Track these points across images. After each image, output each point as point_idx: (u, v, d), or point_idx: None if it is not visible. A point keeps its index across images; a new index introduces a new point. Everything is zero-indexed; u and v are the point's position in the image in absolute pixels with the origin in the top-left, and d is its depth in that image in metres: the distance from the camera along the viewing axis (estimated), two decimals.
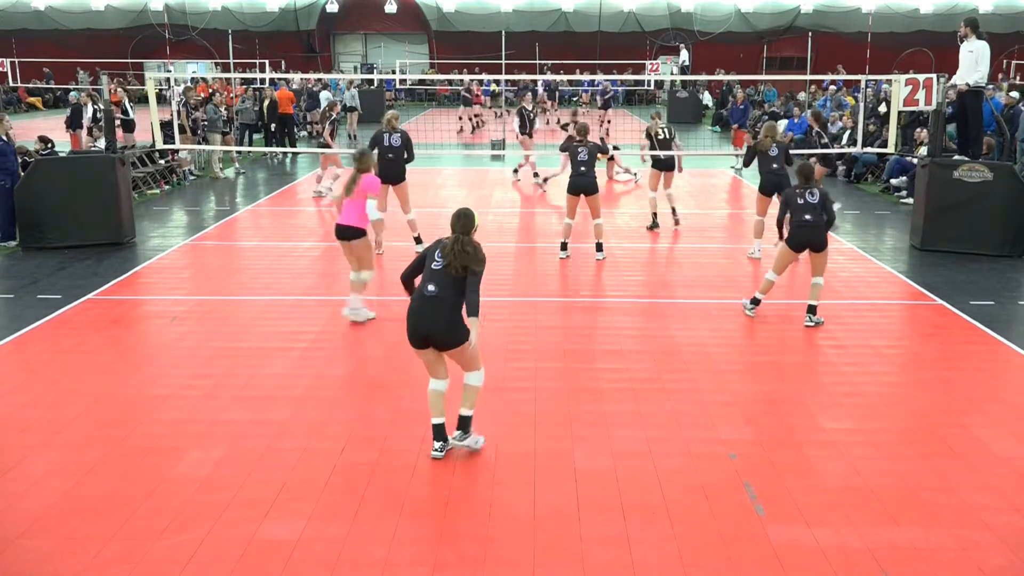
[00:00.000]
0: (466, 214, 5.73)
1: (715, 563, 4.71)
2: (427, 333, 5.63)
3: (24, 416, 6.55)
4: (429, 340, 5.66)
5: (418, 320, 5.64)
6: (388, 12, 41.07)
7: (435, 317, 5.60)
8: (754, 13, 42.43)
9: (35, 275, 10.49)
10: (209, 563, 4.69)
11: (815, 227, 8.49)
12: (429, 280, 5.64)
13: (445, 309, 5.60)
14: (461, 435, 5.86)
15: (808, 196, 8.56)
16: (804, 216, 8.49)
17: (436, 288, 5.59)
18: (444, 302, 5.59)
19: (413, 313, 5.67)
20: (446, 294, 5.58)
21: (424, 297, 5.64)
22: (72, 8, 42.28)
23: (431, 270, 5.65)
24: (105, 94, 13.20)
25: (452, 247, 5.59)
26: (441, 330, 5.62)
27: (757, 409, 6.71)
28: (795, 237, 8.56)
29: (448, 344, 5.67)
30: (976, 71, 11.58)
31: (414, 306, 5.69)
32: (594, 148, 11.17)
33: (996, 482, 5.59)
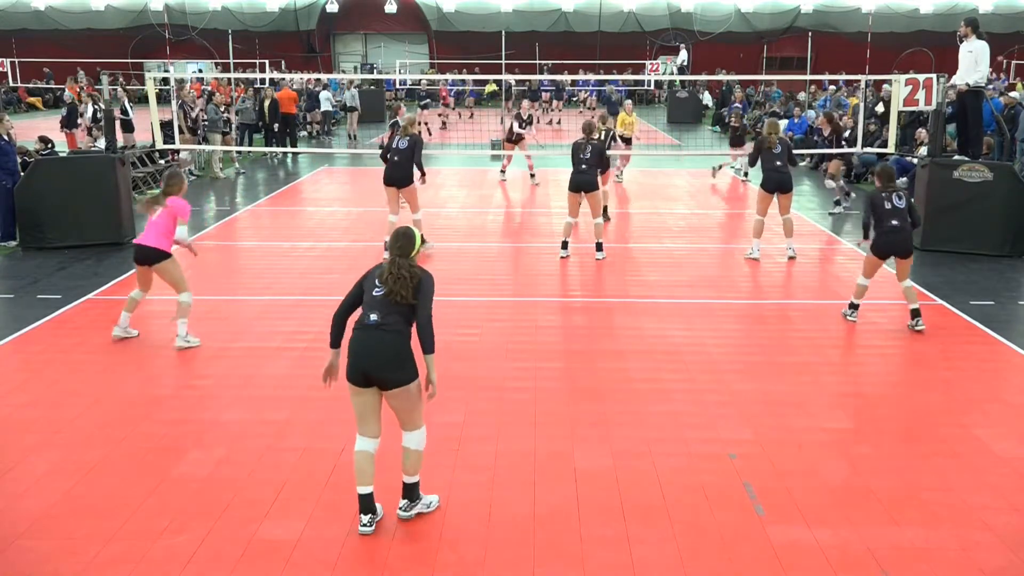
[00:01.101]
0: (404, 234, 5.03)
1: (715, 563, 4.71)
2: (370, 368, 4.83)
3: (24, 416, 6.55)
4: (371, 377, 4.86)
5: (359, 353, 4.83)
6: (388, 12, 41.06)
7: (379, 349, 4.83)
8: (754, 13, 42.43)
9: (35, 275, 10.49)
10: (209, 563, 4.69)
11: (901, 232, 8.20)
12: (371, 308, 4.91)
13: (390, 340, 4.84)
14: (408, 504, 5.09)
15: (895, 200, 8.25)
16: (891, 222, 8.18)
17: (379, 316, 4.87)
18: (389, 332, 4.85)
19: (354, 345, 4.87)
20: (390, 321, 4.86)
21: (366, 327, 4.88)
22: (72, 8, 42.27)
23: (372, 296, 4.93)
24: (106, 94, 13.18)
25: (388, 271, 4.90)
26: (386, 364, 4.84)
27: (757, 409, 6.71)
28: (881, 244, 8.31)
29: (393, 382, 4.86)
30: (976, 71, 11.58)
31: (355, 337, 4.90)
32: (599, 147, 11.21)
33: (996, 482, 5.59)
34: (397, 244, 5.00)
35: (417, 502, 5.12)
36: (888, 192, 8.32)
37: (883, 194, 8.31)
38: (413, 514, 5.11)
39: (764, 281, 10.38)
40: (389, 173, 11.31)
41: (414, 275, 4.91)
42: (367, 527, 4.92)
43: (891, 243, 8.26)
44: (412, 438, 5.02)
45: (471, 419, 6.47)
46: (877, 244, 8.34)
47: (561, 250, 11.42)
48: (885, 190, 8.33)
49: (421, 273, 4.96)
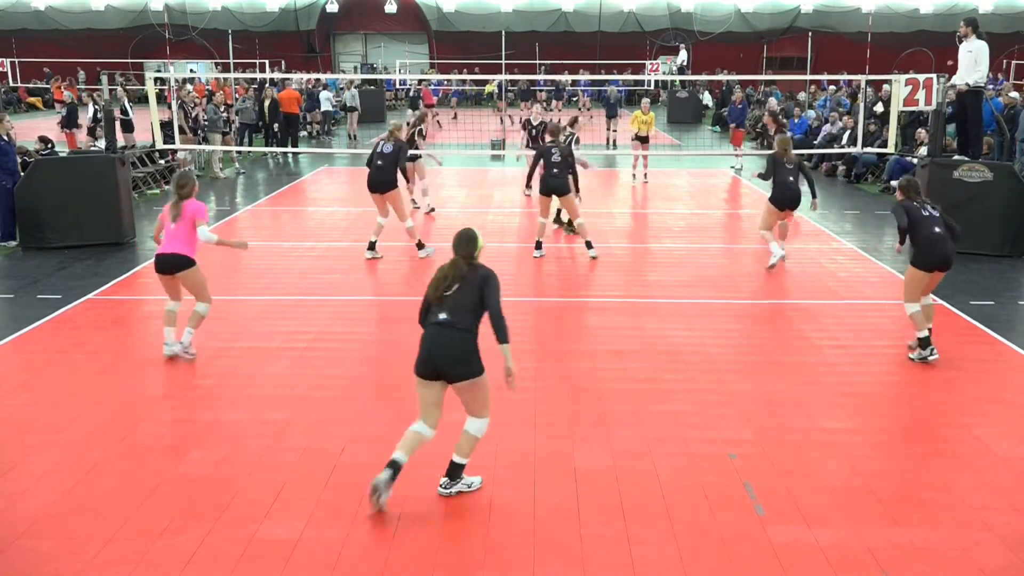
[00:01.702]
0: (466, 235, 5.30)
1: (715, 563, 4.71)
2: (440, 364, 5.16)
3: (24, 416, 6.55)
4: (441, 373, 5.19)
5: (430, 349, 5.18)
6: (388, 12, 41.07)
7: (448, 346, 5.15)
8: (754, 13, 42.43)
9: (35, 275, 10.49)
10: (209, 563, 4.69)
11: (947, 241, 7.42)
12: (440, 306, 5.20)
13: (459, 338, 5.14)
14: (449, 482, 5.36)
15: (931, 208, 7.56)
16: (934, 229, 7.39)
17: (448, 315, 5.16)
18: (458, 330, 5.14)
19: (425, 341, 5.23)
20: (459, 319, 5.14)
21: (437, 325, 5.18)
22: (72, 8, 42.27)
23: (440, 296, 5.23)
24: (105, 94, 13.19)
25: (450, 272, 5.23)
26: (455, 360, 5.15)
27: (757, 409, 6.71)
28: (926, 255, 7.45)
29: (461, 375, 5.17)
30: (976, 71, 11.58)
31: (427, 334, 5.24)
32: (567, 150, 11.12)
33: (996, 482, 5.59)
34: (460, 245, 5.30)
35: (458, 481, 5.38)
36: (921, 201, 7.63)
37: (915, 203, 7.60)
38: (454, 491, 5.36)
39: (764, 281, 10.38)
40: (372, 177, 11.09)
41: (476, 274, 5.21)
42: (382, 477, 5.12)
43: (937, 254, 7.39)
44: (474, 424, 5.35)
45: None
46: (922, 256, 7.45)
47: (535, 250, 11.37)
48: (917, 200, 7.63)
49: (484, 270, 5.27)
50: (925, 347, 7.49)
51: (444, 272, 5.24)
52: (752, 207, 15.59)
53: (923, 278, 7.49)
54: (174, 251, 7.46)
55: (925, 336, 7.48)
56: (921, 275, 7.49)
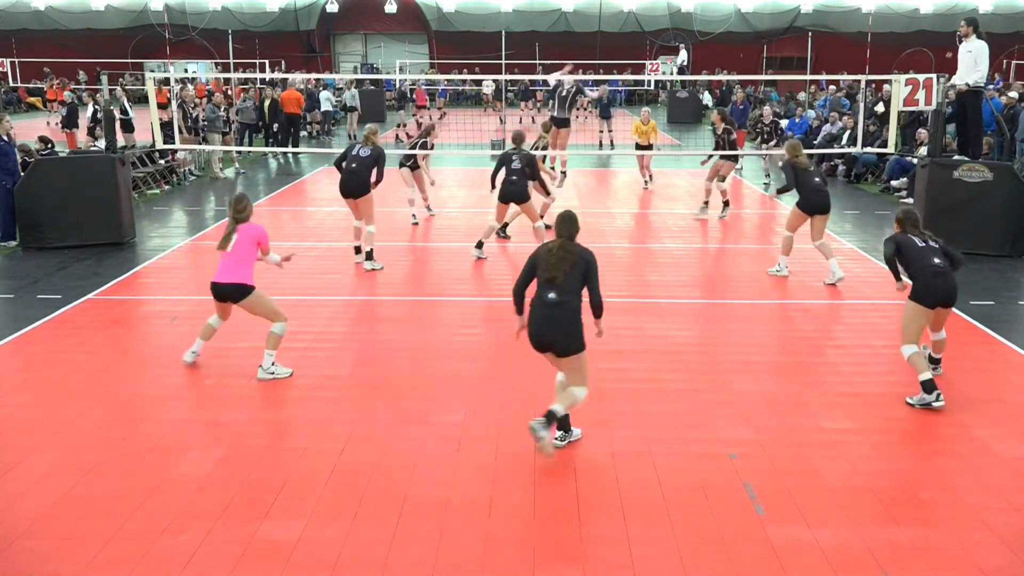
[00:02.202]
0: (569, 218, 5.81)
1: (715, 563, 4.71)
2: (551, 340, 5.69)
3: (24, 416, 6.55)
4: (549, 347, 5.73)
5: (540, 327, 5.69)
6: (388, 12, 41.09)
7: (558, 325, 5.65)
8: (754, 13, 42.44)
9: (35, 275, 10.49)
10: (209, 563, 4.69)
11: (948, 275, 6.77)
12: (550, 287, 5.66)
13: (568, 317, 5.63)
14: (563, 435, 5.98)
15: (930, 240, 6.93)
16: (933, 260, 6.73)
17: (557, 295, 5.63)
18: (567, 309, 5.63)
19: (534, 320, 5.71)
20: (567, 299, 5.63)
21: (547, 305, 5.65)
22: (72, 8, 42.30)
23: (553, 277, 5.65)
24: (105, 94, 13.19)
25: (555, 253, 5.65)
26: (564, 337, 5.67)
27: (757, 409, 6.70)
28: (929, 290, 6.74)
29: (567, 351, 5.70)
30: (975, 71, 11.58)
31: (536, 313, 5.71)
32: (528, 157, 10.94)
33: (996, 482, 5.59)
34: (564, 227, 5.76)
35: (569, 433, 5.99)
36: (916, 234, 6.98)
37: (910, 235, 6.96)
38: (566, 443, 5.95)
39: (764, 281, 10.38)
40: (344, 181, 10.67)
41: (578, 255, 5.67)
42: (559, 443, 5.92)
43: (937, 288, 6.71)
44: (576, 390, 5.83)
45: (471, 419, 6.48)
46: (924, 291, 6.75)
47: (475, 249, 11.23)
48: (914, 232, 6.99)
49: (587, 253, 5.75)
50: (930, 391, 6.65)
51: (558, 255, 5.64)
52: (752, 207, 15.60)
53: (923, 314, 6.78)
54: (231, 280, 7.12)
55: (929, 379, 6.69)
56: (922, 310, 6.76)
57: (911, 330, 6.79)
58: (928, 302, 6.75)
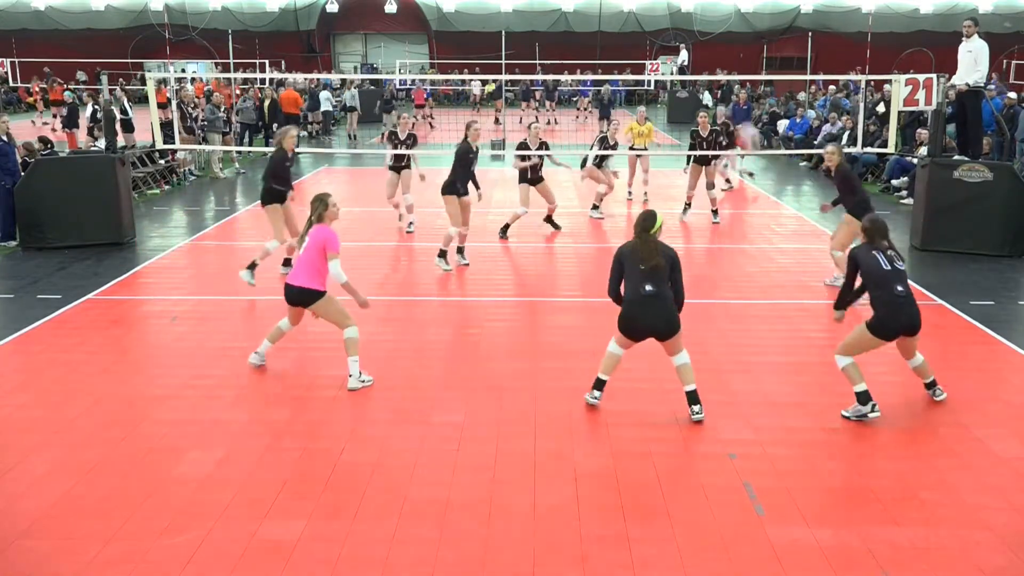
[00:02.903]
0: (649, 215, 6.30)
1: (715, 563, 4.71)
2: (656, 328, 6.23)
3: (24, 416, 6.55)
4: (652, 334, 6.27)
5: (643, 318, 6.23)
6: (388, 12, 41.12)
7: (657, 313, 6.19)
8: (754, 13, 42.45)
9: (35, 275, 10.48)
10: (209, 563, 4.69)
11: (911, 303, 6.23)
12: (643, 281, 6.17)
13: (667, 305, 6.21)
14: (699, 408, 6.38)
15: (897, 262, 6.29)
16: (896, 288, 6.13)
17: (653, 286, 6.15)
18: (664, 298, 6.19)
19: (636, 313, 6.24)
20: (663, 289, 6.18)
21: (647, 297, 6.17)
22: (72, 8, 42.31)
23: (640, 271, 6.18)
24: (105, 94, 13.19)
25: (646, 246, 6.19)
26: (667, 323, 6.21)
27: (757, 409, 6.70)
28: (889, 322, 6.19)
29: (670, 333, 6.24)
30: (975, 71, 11.58)
31: (636, 307, 6.23)
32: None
33: (996, 482, 5.59)
34: (642, 222, 6.28)
35: (700, 404, 6.38)
36: (881, 250, 6.32)
37: (874, 251, 6.31)
38: (703, 416, 6.35)
39: (764, 281, 10.37)
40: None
41: (666, 250, 6.27)
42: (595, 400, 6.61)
43: (899, 320, 6.18)
44: (682, 357, 6.38)
45: (471, 419, 6.48)
46: (880, 320, 6.20)
47: (458, 256, 10.84)
48: (878, 247, 6.34)
49: (670, 250, 6.33)
50: (865, 402, 6.28)
51: (648, 250, 6.18)
52: (752, 207, 15.60)
53: (873, 343, 6.29)
54: (300, 284, 6.92)
55: (864, 391, 6.30)
56: (872, 340, 6.27)
57: (856, 349, 6.37)
58: (887, 335, 6.23)
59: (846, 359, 6.39)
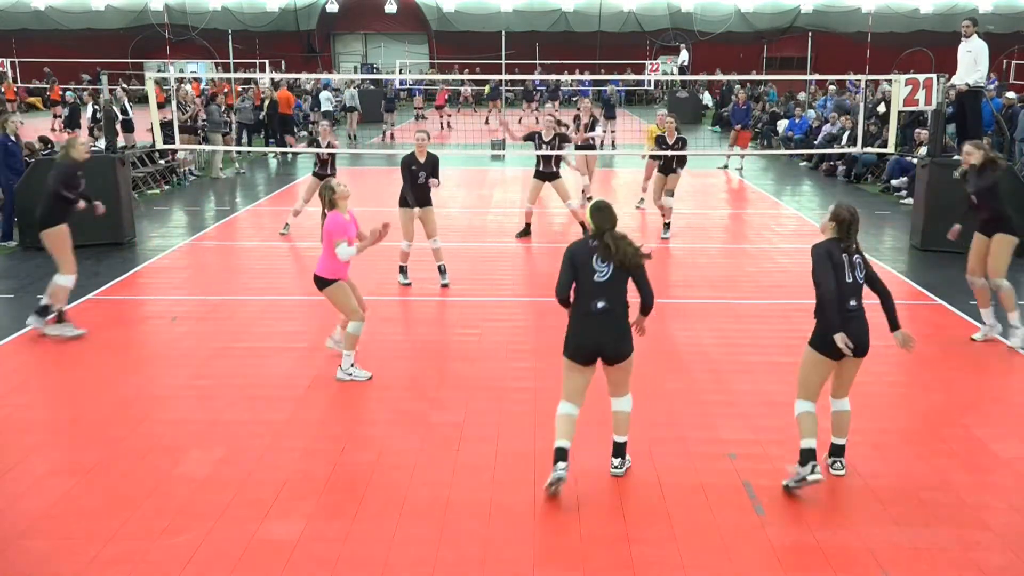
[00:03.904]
0: (607, 207, 5.37)
1: (715, 563, 4.71)
2: (606, 349, 5.31)
3: (24, 416, 6.55)
4: (604, 356, 5.34)
5: (594, 336, 5.28)
6: (388, 12, 41.10)
7: (613, 332, 5.28)
8: (754, 13, 42.45)
9: (35, 275, 10.48)
10: (209, 563, 4.69)
11: (861, 318, 5.41)
12: (597, 294, 5.23)
13: (619, 322, 5.31)
14: (621, 462, 5.61)
15: (859, 273, 5.47)
16: (850, 303, 5.37)
17: (606, 302, 5.23)
18: (617, 315, 5.29)
19: (587, 329, 5.29)
20: (616, 304, 5.28)
21: (598, 313, 5.24)
22: (72, 8, 42.30)
23: (595, 283, 5.22)
24: (105, 94, 13.19)
25: (616, 246, 5.18)
26: (618, 343, 5.31)
27: (757, 409, 6.70)
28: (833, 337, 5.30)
29: (621, 357, 5.35)
30: (975, 71, 11.58)
31: (587, 323, 5.28)
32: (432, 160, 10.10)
33: (996, 482, 5.59)
34: (606, 219, 5.30)
35: (627, 459, 5.65)
36: (845, 249, 5.46)
37: (843, 251, 5.46)
38: (624, 471, 5.62)
39: (764, 281, 10.38)
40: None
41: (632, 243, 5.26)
42: (562, 472, 5.27)
43: (848, 336, 5.26)
44: (625, 402, 5.58)
45: (471, 419, 6.47)
46: (824, 334, 5.41)
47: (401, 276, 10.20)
48: (847, 249, 5.47)
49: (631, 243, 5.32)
50: (805, 463, 5.27)
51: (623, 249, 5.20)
52: (753, 207, 15.59)
53: (824, 365, 5.44)
54: (316, 271, 7.20)
55: (810, 448, 5.30)
56: (824, 361, 5.42)
57: (810, 383, 5.48)
58: (833, 353, 5.35)
59: (804, 404, 5.47)
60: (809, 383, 5.49)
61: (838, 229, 5.53)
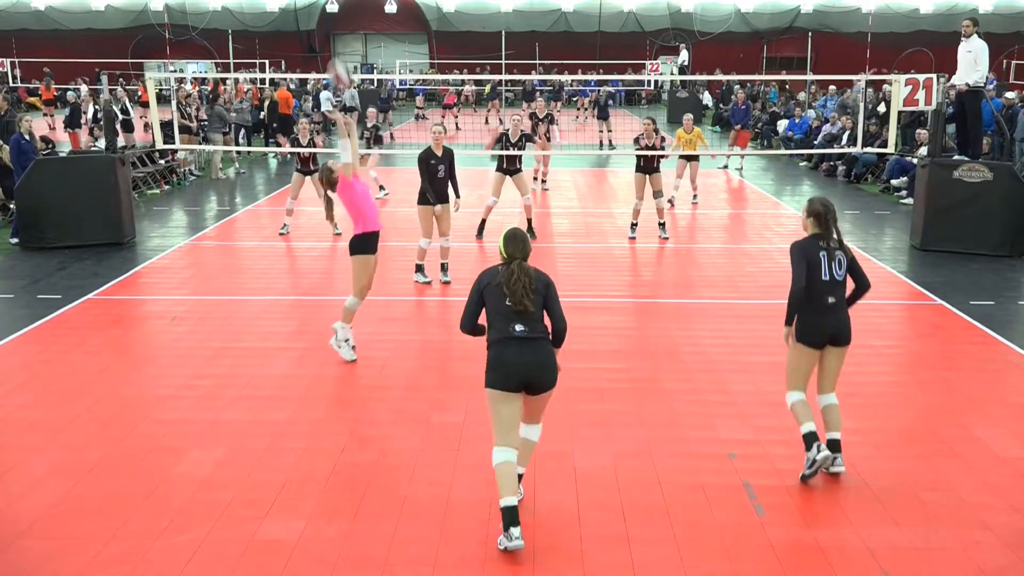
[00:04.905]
0: (524, 237, 5.04)
1: (715, 563, 4.71)
2: (532, 377, 4.87)
3: (24, 416, 6.55)
4: (531, 385, 4.89)
5: (519, 364, 4.84)
6: (388, 12, 41.06)
7: (538, 359, 4.89)
8: (754, 13, 42.42)
9: (35, 275, 10.48)
10: (209, 563, 4.69)
11: (839, 312, 5.54)
12: (512, 320, 4.88)
13: (544, 347, 4.94)
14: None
15: (838, 271, 5.50)
16: (827, 299, 5.46)
17: (525, 327, 4.87)
18: (540, 340, 4.93)
19: (510, 357, 4.84)
20: (538, 329, 4.93)
21: (519, 340, 4.85)
22: (72, 8, 42.27)
23: (507, 307, 4.88)
24: (105, 94, 13.19)
25: (516, 279, 4.86)
26: (545, 370, 4.92)
27: (757, 409, 6.70)
28: (814, 329, 5.50)
29: (547, 385, 4.94)
30: (975, 71, 11.58)
31: (510, 350, 4.85)
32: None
33: (996, 482, 5.59)
34: (520, 247, 4.98)
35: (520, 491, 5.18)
36: (825, 245, 5.48)
37: (821, 249, 5.47)
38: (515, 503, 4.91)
39: (764, 281, 10.37)
40: None
41: (539, 279, 4.96)
42: (519, 540, 4.70)
43: (825, 326, 5.48)
44: (535, 431, 5.21)
45: (471, 419, 6.47)
46: (807, 329, 5.50)
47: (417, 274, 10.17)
48: (825, 245, 5.48)
49: (544, 276, 5.04)
50: (810, 446, 5.46)
51: (520, 287, 4.84)
52: (752, 207, 15.59)
53: (807, 355, 5.55)
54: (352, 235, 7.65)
55: (811, 431, 5.50)
56: (805, 351, 5.54)
57: (797, 373, 5.58)
58: (815, 343, 5.52)
59: (794, 395, 5.58)
60: (796, 374, 5.60)
61: (816, 224, 5.54)
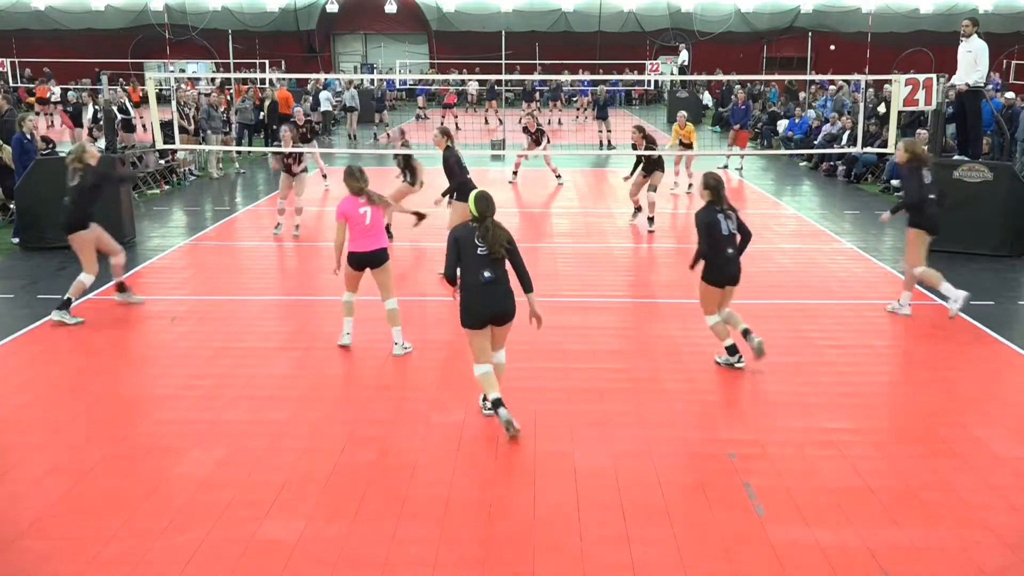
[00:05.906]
0: (488, 196, 6.22)
1: (715, 563, 4.71)
2: (499, 312, 6.19)
3: (24, 416, 6.55)
4: (498, 319, 6.22)
5: (489, 303, 6.16)
6: (388, 12, 41.07)
7: (503, 297, 6.18)
8: (754, 13, 42.42)
9: (35, 275, 10.49)
10: (209, 563, 4.69)
11: (736, 261, 7.38)
12: (481, 266, 6.12)
13: (506, 288, 6.20)
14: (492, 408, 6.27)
15: (729, 223, 7.30)
16: (727, 250, 7.27)
17: (491, 272, 6.13)
18: (504, 282, 6.19)
19: (482, 298, 6.15)
20: (501, 274, 6.18)
21: (487, 284, 6.12)
22: (72, 8, 42.27)
23: (479, 256, 6.12)
24: (105, 94, 13.19)
25: (491, 232, 6.10)
26: (509, 306, 6.23)
27: (757, 409, 6.71)
28: (718, 274, 7.32)
29: (508, 317, 6.26)
30: (975, 71, 11.58)
31: (480, 292, 6.13)
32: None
33: (996, 482, 5.59)
34: (489, 207, 6.16)
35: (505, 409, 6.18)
36: (722, 210, 7.26)
37: (718, 213, 7.24)
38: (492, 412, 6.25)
39: (764, 281, 10.37)
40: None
41: (505, 232, 6.20)
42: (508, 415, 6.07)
43: (727, 273, 7.31)
44: (502, 355, 6.49)
45: (471, 419, 6.48)
46: (714, 274, 7.30)
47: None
48: (718, 205, 7.28)
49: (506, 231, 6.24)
50: (733, 354, 7.43)
51: (493, 237, 6.10)
52: (752, 207, 15.59)
53: (716, 293, 7.36)
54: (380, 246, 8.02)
55: (731, 344, 7.43)
56: (714, 291, 7.35)
57: (709, 304, 7.41)
58: (720, 284, 7.32)
59: (711, 319, 7.43)
60: (709, 304, 7.40)
61: (712, 194, 7.26)
